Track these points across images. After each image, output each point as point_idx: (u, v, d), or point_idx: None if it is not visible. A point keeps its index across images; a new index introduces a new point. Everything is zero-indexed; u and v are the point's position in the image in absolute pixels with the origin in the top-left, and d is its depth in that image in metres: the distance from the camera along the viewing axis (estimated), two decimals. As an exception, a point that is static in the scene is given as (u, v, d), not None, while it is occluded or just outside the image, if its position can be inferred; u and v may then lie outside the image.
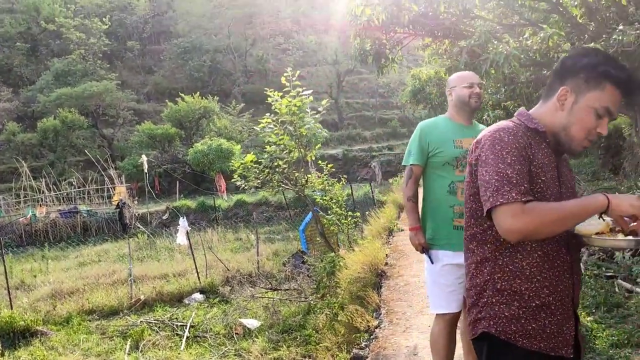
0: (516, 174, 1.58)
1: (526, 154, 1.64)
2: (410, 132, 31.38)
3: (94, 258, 15.12)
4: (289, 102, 7.74)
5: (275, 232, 17.49)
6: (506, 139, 1.64)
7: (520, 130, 1.68)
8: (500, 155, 1.62)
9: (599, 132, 1.65)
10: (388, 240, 7.78)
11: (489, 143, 1.66)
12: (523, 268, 1.69)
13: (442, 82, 14.78)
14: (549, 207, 1.57)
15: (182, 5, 47.20)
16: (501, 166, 1.60)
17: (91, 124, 32.48)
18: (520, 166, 1.60)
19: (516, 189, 1.56)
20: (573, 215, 1.56)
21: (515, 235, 1.56)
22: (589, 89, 1.64)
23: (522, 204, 1.54)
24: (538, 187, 1.65)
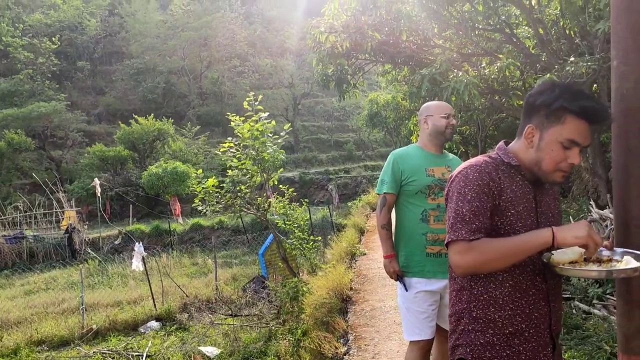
0: (471, 212, 1.68)
1: (490, 190, 1.70)
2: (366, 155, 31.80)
3: (41, 286, 14.50)
4: (251, 126, 7.70)
5: (233, 256, 17.24)
6: (470, 176, 1.72)
7: (490, 166, 1.75)
8: (462, 192, 1.72)
9: (570, 163, 1.69)
10: (351, 264, 7.77)
11: (456, 180, 1.77)
12: (496, 297, 1.76)
13: (399, 107, 15.11)
14: (493, 245, 1.65)
15: (135, 27, 46.59)
16: (460, 204, 1.71)
17: (38, 145, 31.31)
18: (479, 203, 1.69)
19: (467, 227, 1.67)
20: (516, 252, 1.64)
21: (459, 270, 1.70)
22: (550, 124, 1.69)
23: (468, 242, 1.65)
24: (507, 220, 1.71)
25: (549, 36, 6.55)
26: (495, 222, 1.72)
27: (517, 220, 1.72)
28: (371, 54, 7.32)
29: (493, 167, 1.75)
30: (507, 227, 1.72)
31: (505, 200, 1.72)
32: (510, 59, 5.75)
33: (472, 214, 1.68)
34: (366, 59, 7.68)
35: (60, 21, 43.52)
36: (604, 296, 5.10)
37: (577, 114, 1.65)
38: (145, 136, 29.22)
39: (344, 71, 7.72)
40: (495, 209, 1.72)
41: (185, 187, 23.71)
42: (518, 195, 1.74)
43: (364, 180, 30.86)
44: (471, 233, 1.66)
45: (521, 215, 1.73)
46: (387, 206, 3.23)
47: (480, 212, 1.68)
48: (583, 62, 5.32)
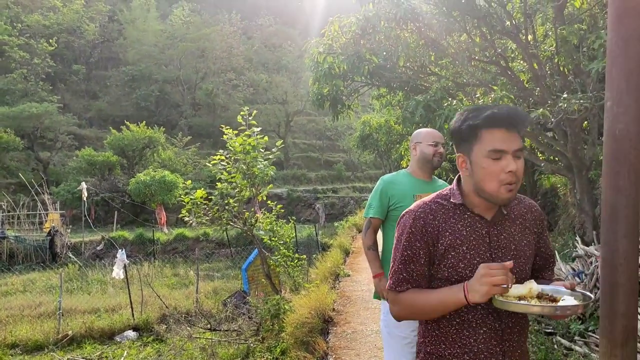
0: (401, 262, 1.71)
1: (424, 236, 1.70)
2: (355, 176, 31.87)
3: (19, 288, 14.27)
4: (244, 140, 7.70)
5: (215, 269, 17.11)
6: (406, 223, 1.74)
7: (427, 209, 1.74)
8: (398, 239, 1.76)
9: (509, 172, 1.62)
10: (335, 285, 7.74)
11: (398, 226, 1.80)
12: (446, 333, 1.75)
13: (391, 130, 15.23)
14: (415, 299, 1.69)
15: (133, 34, 46.69)
16: (395, 253, 1.75)
17: (27, 146, 31.08)
18: (410, 251, 1.70)
19: (395, 277, 1.72)
20: (435, 309, 1.67)
21: (396, 318, 1.79)
22: (471, 145, 1.68)
23: (395, 293, 1.73)
24: (449, 262, 1.68)
25: (543, 72, 6.66)
26: (437, 266, 1.70)
27: (459, 261, 1.68)
28: (367, 77, 7.40)
29: (432, 209, 1.74)
30: (450, 270, 1.69)
31: (444, 243, 1.69)
32: (505, 92, 5.84)
33: (402, 264, 1.71)
34: (362, 81, 7.75)
35: (59, 24, 43.48)
36: (586, 333, 5.12)
37: (486, 126, 1.64)
38: (135, 143, 29.12)
39: (339, 92, 7.79)
40: (433, 254, 1.70)
41: (172, 196, 23.61)
42: (464, 235, 1.70)
43: (351, 201, 30.90)
44: (398, 284, 1.71)
45: (465, 256, 1.68)
46: (372, 228, 3.29)
47: (411, 261, 1.70)
48: (576, 100, 5.41)
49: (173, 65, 45.72)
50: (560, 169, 7.34)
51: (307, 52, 8.15)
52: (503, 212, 1.76)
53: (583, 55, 6.50)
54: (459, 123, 1.71)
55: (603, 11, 7.07)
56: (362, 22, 7.08)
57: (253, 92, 46.17)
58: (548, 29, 6.85)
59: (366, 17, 6.98)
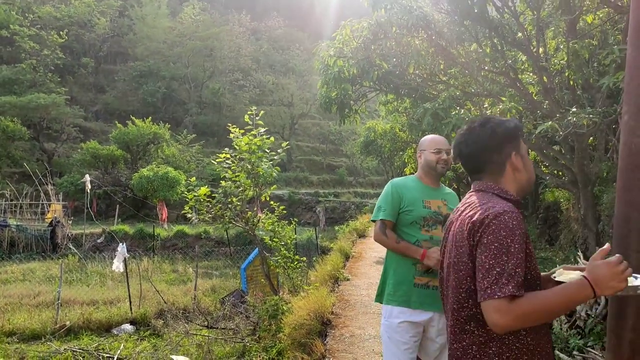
0: (517, 265, 1.59)
1: (526, 239, 1.66)
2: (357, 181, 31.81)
3: (19, 276, 14.29)
4: (250, 140, 7.73)
5: (214, 267, 17.12)
6: (511, 225, 1.63)
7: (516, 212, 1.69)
8: (504, 243, 1.61)
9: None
10: (334, 288, 7.74)
11: (493, 227, 1.65)
12: (528, 344, 1.72)
13: (396, 137, 15.24)
14: (534, 302, 1.58)
15: (143, 30, 46.87)
16: (504, 257, 1.60)
17: (32, 136, 31.15)
18: (522, 254, 1.62)
19: (513, 281, 1.57)
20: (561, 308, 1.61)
21: (499, 329, 1.61)
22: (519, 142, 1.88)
23: (509, 300, 1.56)
24: (533, 265, 1.69)
25: (553, 85, 6.68)
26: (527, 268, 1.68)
27: (533, 263, 1.71)
28: (376, 82, 7.42)
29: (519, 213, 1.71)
30: (533, 272, 1.70)
31: (530, 246, 1.70)
32: (513, 103, 5.85)
33: (519, 267, 1.59)
34: (371, 86, 7.77)
35: (70, 16, 43.65)
36: (585, 348, 5.11)
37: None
38: (140, 138, 29.18)
39: (347, 96, 7.81)
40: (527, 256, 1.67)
41: (174, 193, 23.63)
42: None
43: (352, 206, 30.88)
44: (518, 288, 1.57)
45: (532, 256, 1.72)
46: (388, 228, 3.21)
47: (523, 264, 1.61)
48: (585, 114, 5.41)
49: (181, 63, 45.86)
50: (565, 183, 7.35)
51: (316, 55, 8.18)
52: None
53: (593, 70, 6.52)
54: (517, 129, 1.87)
55: (614, 27, 7.09)
56: (373, 27, 7.11)
57: (259, 93, 46.27)
58: (559, 42, 6.87)
59: (378, 23, 7.01)
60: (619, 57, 5.06)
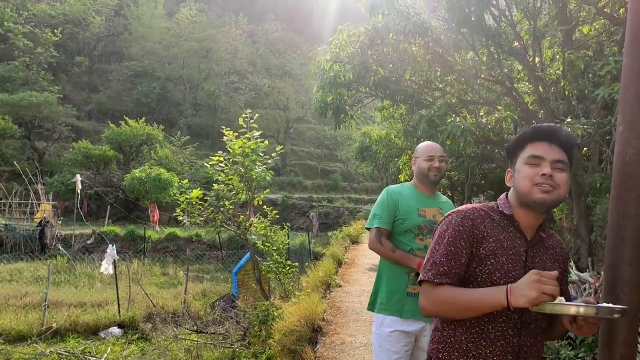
0: (443, 255, 1.72)
1: (469, 236, 1.73)
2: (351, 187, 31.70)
3: (5, 276, 14.14)
4: (244, 143, 7.67)
5: (205, 271, 17.02)
6: (454, 222, 1.76)
7: (476, 213, 1.78)
8: (441, 235, 1.77)
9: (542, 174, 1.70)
10: (326, 294, 7.68)
11: (441, 223, 1.82)
12: (461, 342, 1.75)
13: (391, 143, 15.23)
14: (452, 294, 1.68)
15: (139, 30, 46.76)
16: (436, 246, 1.76)
17: (24, 134, 30.92)
18: (454, 248, 1.72)
19: (435, 269, 1.71)
20: (470, 307, 1.65)
21: (423, 312, 1.76)
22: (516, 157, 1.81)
23: (433, 285, 1.71)
24: (485, 268, 1.71)
25: (548, 95, 6.66)
26: (474, 269, 1.72)
27: (495, 270, 1.70)
28: (372, 88, 7.39)
29: (480, 215, 1.78)
30: (484, 276, 1.71)
31: (487, 249, 1.72)
32: (508, 112, 5.83)
33: (444, 257, 1.71)
34: (367, 92, 7.74)
35: (65, 14, 43.49)
36: (576, 359, 5.08)
37: (532, 138, 1.76)
38: (133, 139, 29.03)
39: (342, 101, 7.77)
40: (473, 256, 1.72)
41: (166, 195, 23.50)
42: (504, 246, 1.73)
43: (346, 212, 30.84)
44: (437, 276, 1.70)
45: (502, 266, 1.71)
46: (383, 236, 3.16)
47: (452, 257, 1.71)
48: (579, 124, 5.39)
49: (176, 64, 45.75)
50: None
51: (313, 59, 8.15)
52: (542, 235, 1.82)
53: (588, 81, 6.51)
54: (512, 141, 1.85)
55: (610, 39, 7.10)
56: (370, 32, 7.08)
57: (255, 96, 46.23)
58: (555, 52, 6.87)
59: (375, 28, 6.98)
60: (614, 69, 5.05)
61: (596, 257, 7.53)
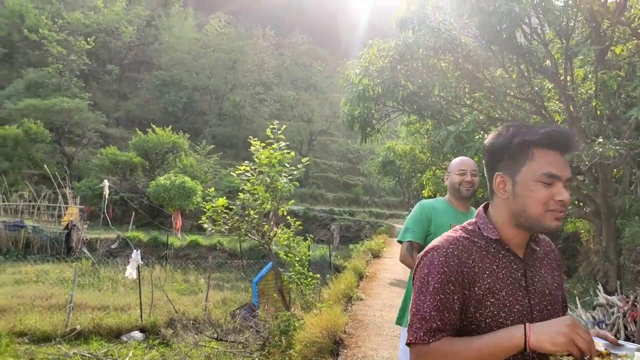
0: (433, 308, 1.41)
1: (458, 277, 1.44)
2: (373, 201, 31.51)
3: (32, 277, 14.38)
4: (270, 153, 7.74)
5: (226, 279, 17.08)
6: (436, 262, 1.45)
7: (460, 245, 1.49)
8: (424, 281, 1.45)
9: (559, 201, 1.43)
10: (347, 307, 7.67)
11: (421, 264, 1.50)
12: None
13: (416, 158, 15.19)
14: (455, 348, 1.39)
15: (169, 40, 47.62)
16: (421, 297, 1.44)
17: (54, 139, 31.62)
18: (444, 295, 1.42)
19: (426, 326, 1.41)
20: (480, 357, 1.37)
21: None
22: (518, 165, 1.47)
23: (425, 346, 1.40)
24: (487, 311, 1.44)
25: (579, 114, 6.62)
26: (473, 314, 1.44)
27: (499, 310, 1.44)
28: (400, 102, 7.43)
29: (465, 247, 1.48)
30: (488, 320, 1.43)
31: (482, 287, 1.44)
32: (538, 130, 5.78)
33: (434, 310, 1.41)
34: (394, 106, 7.78)
35: (98, 23, 44.54)
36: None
37: (543, 144, 1.45)
38: (159, 146, 29.47)
39: (370, 115, 7.82)
40: (468, 300, 1.44)
41: (190, 202, 23.73)
42: (500, 278, 1.47)
43: (367, 226, 30.74)
44: (430, 334, 1.40)
45: (505, 303, 1.45)
46: (415, 251, 3.16)
47: (444, 307, 1.41)
48: (611, 145, 5.34)
49: (204, 74, 46.42)
50: (587, 214, 7.23)
51: (341, 72, 8.23)
52: (535, 248, 1.56)
53: (621, 101, 6.45)
54: (508, 137, 1.49)
55: (643, 60, 7.03)
56: (400, 47, 7.13)
57: (279, 108, 46.60)
58: (587, 71, 6.82)
59: (405, 43, 7.03)
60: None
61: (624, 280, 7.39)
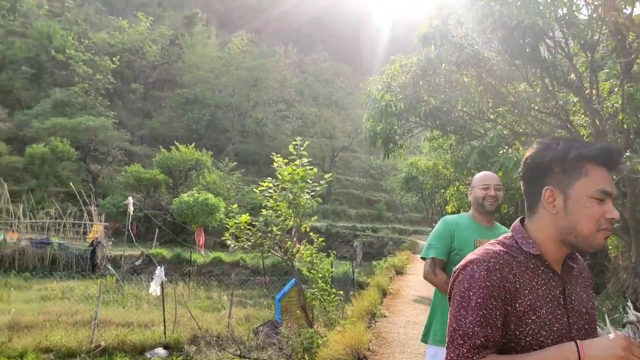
0: (475, 323, 1.37)
1: (501, 293, 1.39)
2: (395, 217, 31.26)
3: (58, 294, 14.57)
4: (293, 170, 7.76)
5: (248, 296, 17.07)
6: (477, 275, 1.41)
7: (502, 260, 1.44)
8: (465, 296, 1.41)
9: (610, 218, 1.41)
10: (371, 324, 7.58)
11: (460, 278, 1.45)
12: None
13: (439, 174, 15.08)
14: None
15: (192, 58, 48.39)
16: (462, 312, 1.40)
17: (80, 157, 32.22)
18: (487, 311, 1.37)
19: (469, 342, 1.36)
20: None
21: None
22: (572, 180, 1.43)
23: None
24: (528, 329, 1.39)
25: (605, 128, 6.51)
26: (513, 332, 1.39)
27: (540, 328, 1.39)
28: (423, 118, 7.40)
29: (506, 261, 1.43)
30: (528, 339, 1.39)
31: (524, 304, 1.40)
32: (564, 144, 5.70)
33: (478, 326, 1.36)
34: (417, 122, 7.75)
35: (123, 43, 45.60)
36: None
37: (598, 160, 1.41)
38: (182, 164, 29.79)
39: (392, 130, 7.80)
40: (510, 316, 1.40)
41: (213, 219, 23.87)
42: (540, 295, 1.42)
43: (390, 242, 30.52)
44: (474, 351, 1.35)
45: (545, 321, 1.40)
46: (438, 267, 3.11)
47: (487, 323, 1.37)
48: (638, 159, 5.23)
49: (226, 92, 46.99)
50: (615, 229, 7.07)
51: (363, 88, 8.25)
52: (572, 265, 1.51)
53: (648, 114, 6.32)
54: (561, 151, 1.45)
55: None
56: (423, 62, 7.12)
57: (301, 124, 46.82)
58: (613, 85, 6.72)
59: (428, 59, 7.02)
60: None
61: (656, 297, 7.18)
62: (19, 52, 41.10)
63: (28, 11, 46.82)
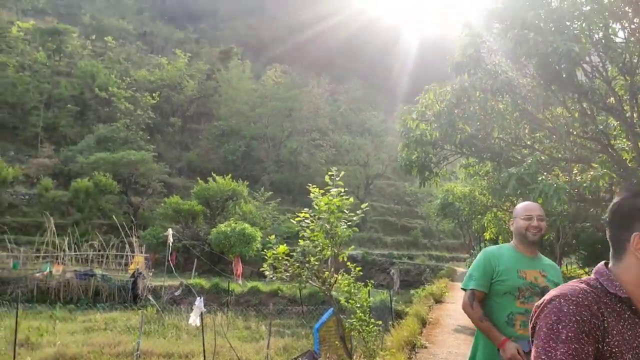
0: (567, 356, 1.32)
1: (590, 329, 1.35)
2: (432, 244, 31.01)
3: (101, 325, 14.83)
4: (329, 200, 7.80)
5: (286, 326, 17.03)
6: (565, 309, 1.37)
7: (590, 296, 1.40)
8: (554, 329, 1.37)
9: None
10: (411, 355, 7.47)
11: (546, 311, 1.41)
12: None
13: (475, 200, 14.92)
14: None
15: (228, 92, 49.54)
16: (551, 344, 1.35)
17: (122, 190, 33.10)
18: (578, 345, 1.33)
19: None
20: None
21: None
22: None
23: None
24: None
25: (648, 150, 6.37)
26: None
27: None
28: (458, 145, 7.40)
29: (594, 300, 1.40)
30: None
31: (611, 344, 1.35)
32: (605, 170, 5.60)
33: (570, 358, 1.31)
34: (452, 150, 7.75)
35: (162, 79, 47.12)
36: None
37: None
38: (219, 194, 30.22)
39: (428, 159, 7.81)
40: (599, 355, 1.35)
41: (250, 249, 24.04)
42: (626, 339, 1.38)
43: (427, 269, 30.06)
44: None
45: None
46: (476, 300, 3.09)
47: (580, 358, 1.32)
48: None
49: (261, 123, 47.74)
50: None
51: (398, 118, 8.31)
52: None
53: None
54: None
55: None
56: (457, 91, 7.15)
57: (335, 153, 47.07)
58: (655, 107, 6.60)
59: (462, 87, 7.04)
60: None
61: None
62: (64, 90, 42.85)
63: (73, 51, 48.96)
